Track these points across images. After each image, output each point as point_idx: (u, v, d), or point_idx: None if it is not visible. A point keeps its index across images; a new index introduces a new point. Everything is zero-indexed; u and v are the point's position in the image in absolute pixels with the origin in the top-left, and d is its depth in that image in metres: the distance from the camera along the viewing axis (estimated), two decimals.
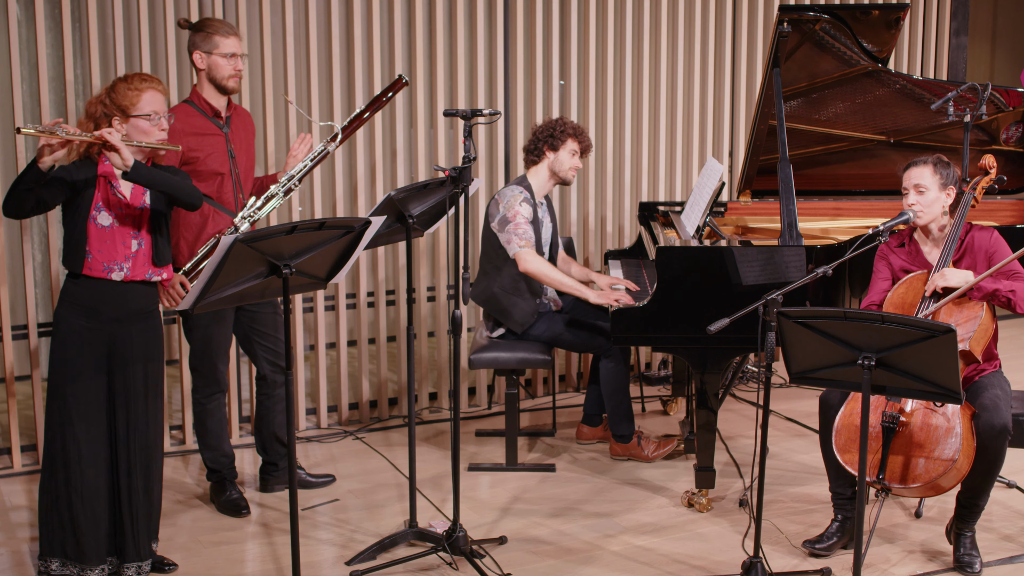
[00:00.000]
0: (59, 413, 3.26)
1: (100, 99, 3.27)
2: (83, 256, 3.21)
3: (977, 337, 3.42)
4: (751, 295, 3.73)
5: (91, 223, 3.21)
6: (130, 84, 3.26)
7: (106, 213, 3.23)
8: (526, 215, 4.40)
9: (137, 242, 3.28)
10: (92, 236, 3.21)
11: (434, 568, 3.56)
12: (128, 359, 3.30)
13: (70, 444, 3.26)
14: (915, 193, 3.57)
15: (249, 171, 4.03)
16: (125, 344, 3.29)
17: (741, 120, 6.02)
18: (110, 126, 3.22)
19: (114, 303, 3.26)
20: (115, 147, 3.10)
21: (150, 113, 3.25)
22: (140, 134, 3.25)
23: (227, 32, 3.83)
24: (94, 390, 3.27)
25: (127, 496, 3.34)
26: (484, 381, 5.50)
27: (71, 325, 3.25)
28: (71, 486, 3.27)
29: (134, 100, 3.24)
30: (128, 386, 3.31)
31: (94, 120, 3.25)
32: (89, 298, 3.24)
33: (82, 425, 3.26)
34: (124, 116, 3.23)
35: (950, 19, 6.59)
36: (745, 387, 5.73)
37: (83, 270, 3.22)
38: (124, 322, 3.29)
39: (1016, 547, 3.71)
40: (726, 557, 3.65)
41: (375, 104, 4.00)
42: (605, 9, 5.52)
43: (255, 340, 4.06)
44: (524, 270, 4.36)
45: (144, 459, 3.36)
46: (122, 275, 3.25)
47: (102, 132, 3.11)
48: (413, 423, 3.72)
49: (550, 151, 4.50)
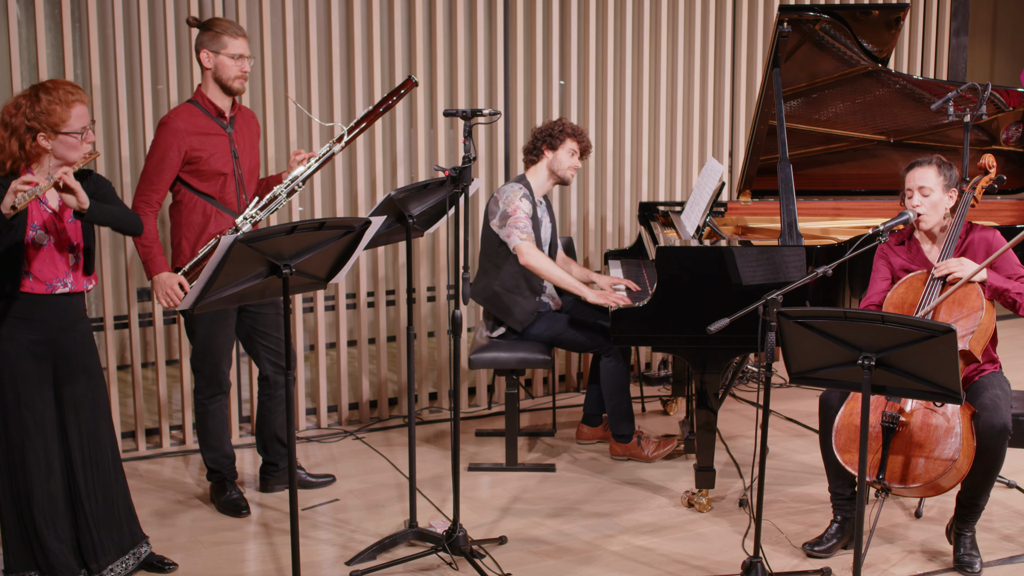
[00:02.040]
0: (16, 429, 3.22)
1: (21, 110, 3.08)
2: (20, 276, 3.15)
3: (977, 337, 3.42)
4: (751, 295, 3.73)
5: (28, 244, 3.14)
6: (56, 98, 3.09)
7: (42, 232, 3.17)
8: (526, 210, 4.40)
9: (74, 256, 3.24)
10: (31, 257, 3.15)
11: (434, 568, 3.56)
12: (72, 367, 3.28)
13: (30, 458, 3.22)
14: (919, 195, 3.56)
15: (253, 172, 4.03)
16: (68, 353, 3.27)
17: (741, 120, 6.02)
18: (34, 141, 3.09)
19: (56, 315, 3.22)
20: (72, 189, 3.02)
21: (80, 129, 3.13)
22: (69, 150, 3.13)
23: (235, 33, 3.83)
24: (47, 402, 3.24)
25: (90, 505, 3.31)
26: (484, 381, 5.50)
27: (16, 340, 3.19)
28: (33, 502, 3.23)
29: (64, 117, 3.10)
30: (76, 393, 3.28)
31: (13, 131, 3.08)
32: (32, 312, 3.18)
33: (39, 438, 3.23)
34: (52, 133, 3.10)
35: (950, 19, 6.59)
36: (745, 387, 5.73)
37: (22, 288, 3.16)
38: (65, 331, 3.26)
39: (1016, 547, 3.71)
40: (726, 557, 3.65)
41: (383, 104, 3.98)
42: (605, 9, 5.52)
43: (257, 340, 4.06)
44: (525, 263, 4.36)
45: (102, 465, 3.34)
46: (67, 289, 3.22)
47: (61, 176, 2.99)
48: (413, 423, 3.72)
49: (549, 151, 4.50)
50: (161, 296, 3.77)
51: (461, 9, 5.25)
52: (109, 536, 3.37)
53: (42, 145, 3.12)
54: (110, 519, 3.38)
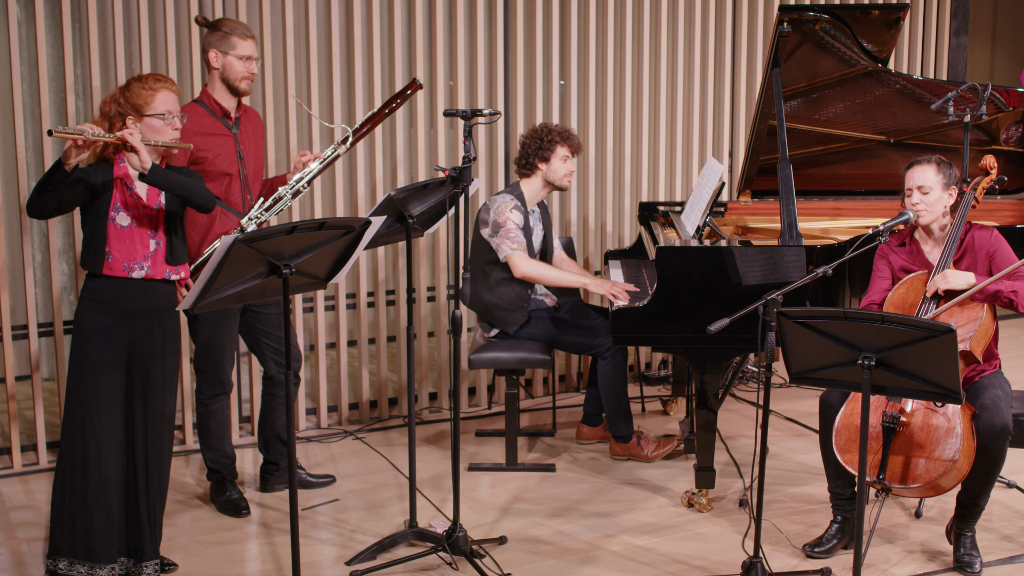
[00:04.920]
0: (80, 409, 3.27)
1: (114, 98, 3.29)
2: (103, 256, 3.24)
3: (977, 337, 3.42)
4: (751, 295, 3.73)
5: (110, 224, 3.24)
6: (145, 84, 3.28)
7: (124, 214, 3.25)
8: (517, 221, 4.40)
9: (155, 241, 3.30)
10: (112, 237, 3.24)
11: (434, 568, 3.56)
12: (148, 355, 3.32)
13: (90, 441, 3.27)
14: (919, 193, 3.57)
15: (258, 172, 4.03)
16: (145, 340, 3.32)
17: (741, 120, 6.02)
18: (124, 125, 3.24)
19: (135, 300, 3.29)
20: (135, 148, 3.13)
21: (164, 113, 3.28)
22: (153, 133, 3.27)
23: (244, 34, 3.83)
24: (115, 386, 3.29)
25: (144, 493, 3.34)
26: (484, 381, 5.50)
27: (94, 322, 3.27)
28: (88, 483, 3.27)
29: (148, 99, 3.26)
30: (147, 382, 3.33)
31: (108, 119, 3.27)
32: (111, 295, 3.27)
33: (102, 421, 3.27)
34: (138, 115, 3.26)
35: (950, 19, 6.59)
36: (745, 387, 5.73)
37: (103, 270, 3.25)
38: (144, 319, 3.31)
39: (1016, 547, 3.71)
40: (726, 557, 3.65)
41: (388, 107, 3.96)
42: (605, 9, 5.52)
43: (261, 340, 4.06)
44: (520, 275, 4.37)
45: (159, 456, 3.38)
46: (143, 273, 3.28)
47: (123, 133, 3.13)
48: (413, 423, 3.72)
49: (542, 163, 4.49)
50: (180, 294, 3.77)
51: (461, 9, 5.25)
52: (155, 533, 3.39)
53: (130, 127, 3.23)
54: (159, 516, 3.41)
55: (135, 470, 3.34)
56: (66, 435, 3.31)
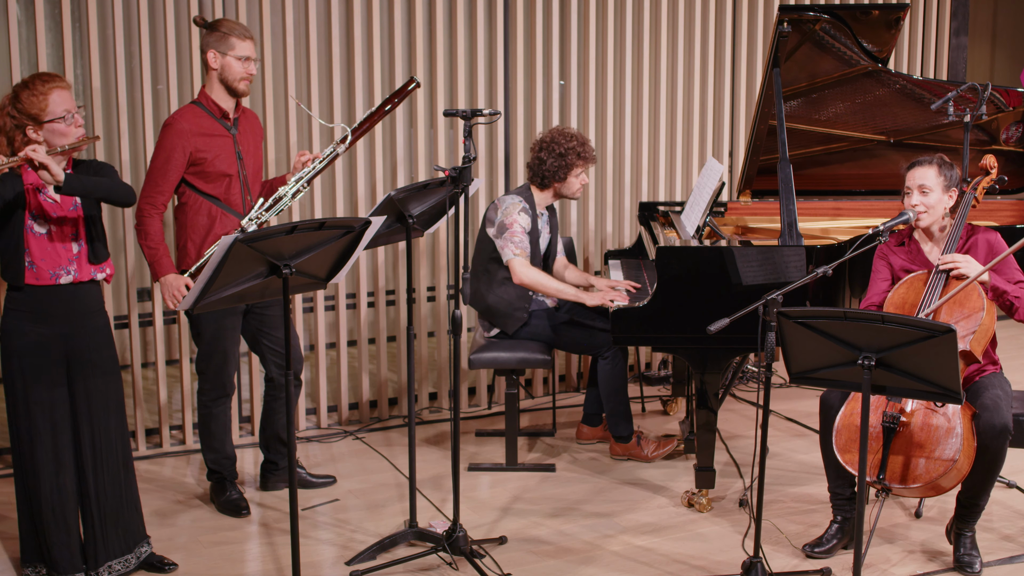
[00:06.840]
0: (25, 422, 3.23)
1: (5, 111, 3.12)
2: (22, 267, 3.16)
3: (978, 337, 3.42)
4: (751, 295, 3.73)
5: (28, 233, 3.16)
6: (33, 90, 3.11)
7: (41, 221, 3.18)
8: (523, 224, 4.39)
9: (76, 244, 3.24)
10: (32, 245, 3.17)
11: (434, 568, 3.56)
12: (86, 361, 3.28)
13: (39, 452, 3.23)
14: (919, 194, 3.57)
15: (257, 173, 4.02)
16: (80, 347, 3.27)
17: (741, 120, 6.02)
18: (24, 137, 3.12)
19: (66, 305, 3.23)
20: (43, 164, 3.01)
21: (63, 114, 3.14)
22: (59, 137, 3.14)
23: (243, 35, 3.82)
24: (57, 398, 3.24)
25: (95, 499, 3.32)
26: (484, 381, 5.50)
27: (23, 333, 3.20)
28: (41, 495, 3.24)
29: (43, 105, 3.11)
30: (89, 388, 3.29)
31: (5, 134, 3.13)
32: (40, 304, 3.20)
33: (48, 433, 3.23)
34: (37, 124, 3.12)
35: (950, 19, 6.59)
36: (745, 387, 5.73)
37: (27, 280, 3.17)
38: (75, 324, 3.26)
39: (1016, 547, 3.71)
40: (726, 557, 3.65)
41: (386, 106, 3.96)
42: (605, 9, 5.52)
43: (263, 342, 4.06)
44: (519, 282, 4.37)
45: (112, 461, 3.34)
46: (71, 278, 3.22)
47: (27, 153, 3.00)
48: (413, 423, 3.72)
49: (559, 183, 4.49)
50: (168, 298, 3.77)
51: (461, 9, 5.25)
52: (115, 534, 3.38)
53: (33, 138, 3.13)
54: (117, 517, 3.39)
55: (86, 479, 3.30)
56: (15, 449, 3.27)
